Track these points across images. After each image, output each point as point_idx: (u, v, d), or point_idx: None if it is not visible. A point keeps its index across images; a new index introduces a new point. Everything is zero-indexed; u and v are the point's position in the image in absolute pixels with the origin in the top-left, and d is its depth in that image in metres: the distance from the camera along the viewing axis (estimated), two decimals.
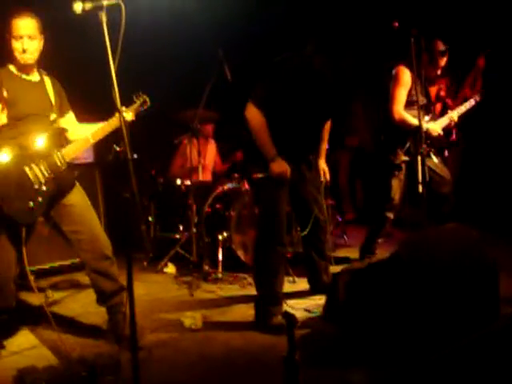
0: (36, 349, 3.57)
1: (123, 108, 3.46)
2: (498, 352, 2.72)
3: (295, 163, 3.92)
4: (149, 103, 3.71)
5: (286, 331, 2.45)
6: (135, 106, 3.66)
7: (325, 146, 4.46)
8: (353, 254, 5.53)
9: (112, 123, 3.47)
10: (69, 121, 3.68)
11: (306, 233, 4.23)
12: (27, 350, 3.53)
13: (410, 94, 4.67)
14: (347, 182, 7.74)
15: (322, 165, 4.43)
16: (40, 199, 3.35)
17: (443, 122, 4.83)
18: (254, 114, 3.77)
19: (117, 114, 3.34)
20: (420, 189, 4.20)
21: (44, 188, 3.36)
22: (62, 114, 3.62)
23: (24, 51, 3.37)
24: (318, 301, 4.04)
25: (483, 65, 5.08)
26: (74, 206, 3.54)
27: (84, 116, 3.80)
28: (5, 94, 3.28)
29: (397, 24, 4.07)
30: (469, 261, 3.25)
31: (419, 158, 4.23)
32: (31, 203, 3.32)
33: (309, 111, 3.87)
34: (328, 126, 4.38)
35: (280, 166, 3.77)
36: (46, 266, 5.12)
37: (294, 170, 3.87)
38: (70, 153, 3.47)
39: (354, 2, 6.67)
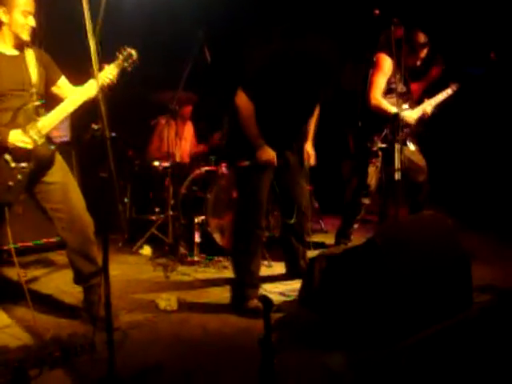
0: (9, 328, 3.52)
1: (105, 65, 3.39)
2: (470, 339, 2.77)
3: (280, 149, 3.92)
4: (135, 57, 3.48)
5: (261, 314, 2.46)
6: (118, 60, 3.45)
7: (312, 129, 4.42)
8: (329, 239, 5.56)
9: (88, 89, 3.35)
10: (63, 86, 3.57)
11: (292, 221, 4.23)
12: (0, 330, 3.49)
13: (389, 82, 4.68)
14: None
15: (309, 148, 4.42)
16: (19, 176, 3.29)
17: (419, 110, 4.85)
18: (244, 102, 3.75)
19: (92, 80, 3.28)
20: (396, 176, 4.22)
21: (22, 164, 3.30)
22: (53, 82, 3.52)
23: (30, 27, 3.32)
24: (294, 285, 4.05)
25: (437, 75, 5.06)
26: (56, 183, 3.48)
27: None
28: None
29: (377, 12, 4.06)
30: (442, 248, 3.29)
31: (396, 145, 4.25)
32: (10, 182, 3.27)
33: (295, 97, 3.84)
34: (316, 111, 4.36)
35: (267, 154, 3.77)
36: (20, 245, 5.06)
37: (279, 157, 3.87)
38: (45, 125, 3.36)
39: None
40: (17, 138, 3.25)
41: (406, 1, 5.78)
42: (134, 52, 3.50)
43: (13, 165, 3.28)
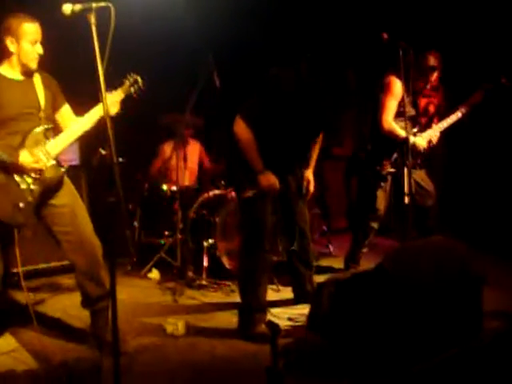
0: (16, 352, 3.51)
1: (112, 91, 3.45)
2: (480, 366, 2.74)
3: (282, 175, 3.92)
4: (140, 83, 3.57)
5: (269, 340, 2.44)
6: (125, 86, 3.53)
7: (315, 157, 4.40)
8: (337, 263, 5.53)
9: (96, 112, 3.40)
10: (64, 114, 3.61)
11: (294, 246, 4.23)
12: (7, 354, 3.48)
13: (399, 105, 4.69)
14: (338, 191, 7.77)
15: (309, 175, 4.40)
16: (30, 198, 3.32)
17: (429, 135, 4.84)
18: (243, 130, 3.75)
19: (100, 104, 3.30)
20: (406, 200, 4.21)
21: (32, 186, 3.33)
22: (56, 108, 3.57)
23: (38, 55, 3.37)
24: (302, 310, 4.02)
25: (480, 99, 5.01)
26: (64, 206, 3.49)
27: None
28: None
29: (386, 36, 4.08)
30: (452, 273, 3.26)
31: (405, 169, 4.25)
32: (21, 204, 3.30)
33: (300, 126, 3.86)
34: (320, 138, 4.35)
35: (268, 179, 3.77)
36: (29, 268, 5.06)
37: (281, 182, 3.87)
38: (54, 147, 3.41)
39: (344, 13, 6.71)
40: (27, 159, 3.29)
41: (416, 25, 5.83)
42: (139, 78, 3.58)
43: (23, 186, 3.31)
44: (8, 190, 3.28)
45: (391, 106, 4.70)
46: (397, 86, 4.65)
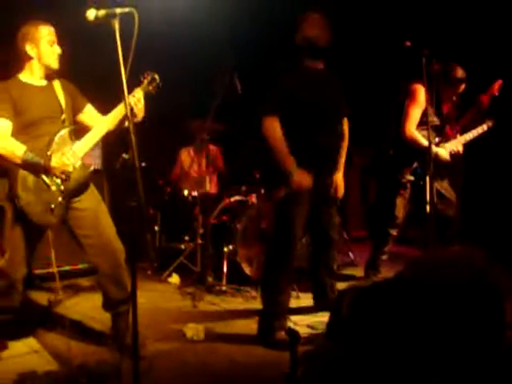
0: (37, 353, 3.55)
1: (132, 93, 3.47)
2: (503, 377, 2.70)
3: (316, 174, 3.86)
4: (158, 80, 3.58)
5: (288, 347, 2.43)
6: (143, 85, 3.55)
7: (342, 160, 4.29)
8: (358, 272, 5.51)
9: (120, 111, 3.45)
10: (89, 113, 3.67)
11: (320, 255, 4.24)
12: (28, 354, 3.52)
13: (422, 114, 4.66)
14: (357, 200, 7.75)
15: (337, 179, 4.24)
16: (60, 199, 3.39)
17: (452, 146, 4.80)
18: (270, 126, 3.77)
19: (122, 105, 3.37)
20: (428, 209, 4.17)
21: (62, 187, 3.39)
22: (79, 109, 3.63)
23: (58, 55, 3.44)
24: (322, 318, 4.02)
25: (487, 102, 4.98)
26: (87, 210, 3.54)
27: None
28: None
29: (409, 43, 4.06)
30: (473, 284, 3.22)
31: (427, 178, 4.21)
32: (52, 204, 3.36)
33: (316, 114, 3.85)
34: (345, 142, 4.28)
35: (301, 176, 3.74)
36: (50, 270, 5.11)
37: (316, 184, 3.85)
38: (81, 148, 3.47)
39: (369, 20, 6.72)
40: (58, 162, 3.34)
41: (440, 33, 5.80)
42: (156, 76, 3.61)
43: (53, 188, 3.36)
44: (39, 192, 3.34)
45: (415, 114, 4.67)
46: (421, 95, 4.61)
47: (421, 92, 4.62)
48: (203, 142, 5.56)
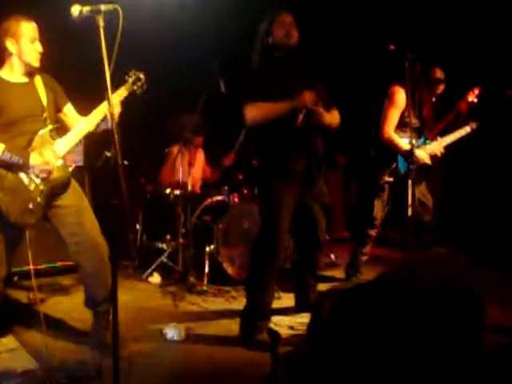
0: (16, 351, 3.52)
1: (116, 91, 3.45)
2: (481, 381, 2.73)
3: (307, 157, 3.87)
4: (143, 80, 3.55)
5: (269, 348, 2.44)
6: (127, 84, 3.52)
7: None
8: (339, 273, 5.53)
9: (100, 111, 3.43)
10: (68, 113, 3.64)
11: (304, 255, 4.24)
12: (6, 352, 3.49)
13: (403, 116, 4.68)
14: (339, 201, 7.77)
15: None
16: (39, 199, 3.35)
17: (432, 148, 4.82)
18: (251, 109, 3.75)
19: (104, 103, 3.36)
20: (409, 212, 4.20)
21: (41, 187, 3.35)
22: (59, 107, 3.60)
23: (39, 53, 3.40)
24: (303, 319, 4.03)
25: (466, 108, 5.02)
26: (70, 207, 3.51)
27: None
28: None
29: (392, 47, 4.09)
30: (454, 287, 3.25)
31: (409, 181, 4.23)
32: (31, 205, 3.32)
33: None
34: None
35: (301, 96, 3.72)
36: (27, 268, 5.07)
37: (300, 187, 3.86)
38: (62, 148, 3.44)
39: (352, 24, 6.76)
40: (37, 160, 3.30)
41: (423, 37, 5.85)
42: (142, 75, 3.58)
43: (32, 187, 3.32)
44: (17, 192, 3.30)
45: (393, 116, 4.69)
46: (400, 97, 4.65)
47: (400, 94, 4.65)
48: (187, 140, 5.56)
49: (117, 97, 3.45)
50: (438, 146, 4.84)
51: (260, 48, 3.93)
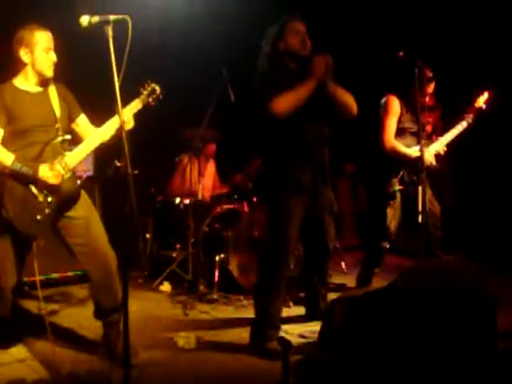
0: (27, 361, 3.51)
1: (130, 103, 3.45)
2: None
3: (312, 169, 3.86)
4: (159, 92, 3.52)
5: (280, 356, 2.43)
6: (142, 97, 3.49)
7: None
8: (350, 281, 5.50)
9: (113, 124, 3.41)
10: (82, 124, 3.63)
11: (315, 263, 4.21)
12: (17, 363, 3.49)
13: (400, 122, 4.66)
14: (349, 209, 7.76)
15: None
16: (47, 211, 3.34)
17: (435, 148, 4.79)
18: (278, 101, 3.62)
19: (116, 117, 3.33)
20: (420, 219, 4.16)
21: (49, 199, 3.35)
22: (73, 118, 3.59)
23: (53, 63, 3.41)
24: (314, 327, 3.99)
25: (474, 116, 4.98)
26: (79, 218, 3.51)
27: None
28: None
29: (402, 53, 4.07)
30: (465, 294, 3.23)
31: (419, 187, 4.20)
32: (38, 216, 3.31)
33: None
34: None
35: (315, 64, 3.69)
36: (41, 278, 5.07)
37: (310, 195, 3.84)
38: (72, 159, 3.42)
39: (360, 31, 6.77)
40: (46, 173, 3.30)
41: (432, 43, 5.84)
42: (157, 87, 3.56)
43: (40, 199, 3.32)
44: (26, 203, 3.30)
45: (391, 124, 4.65)
46: (394, 104, 4.63)
47: (393, 101, 4.64)
48: (197, 149, 5.57)
49: (130, 110, 3.44)
50: (439, 145, 4.81)
51: (270, 52, 3.87)
